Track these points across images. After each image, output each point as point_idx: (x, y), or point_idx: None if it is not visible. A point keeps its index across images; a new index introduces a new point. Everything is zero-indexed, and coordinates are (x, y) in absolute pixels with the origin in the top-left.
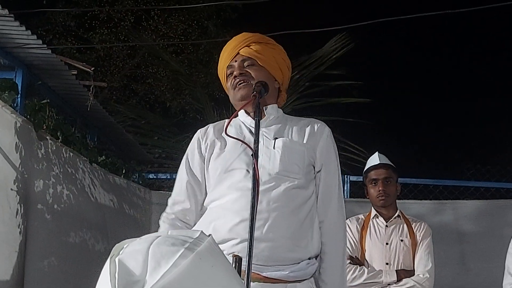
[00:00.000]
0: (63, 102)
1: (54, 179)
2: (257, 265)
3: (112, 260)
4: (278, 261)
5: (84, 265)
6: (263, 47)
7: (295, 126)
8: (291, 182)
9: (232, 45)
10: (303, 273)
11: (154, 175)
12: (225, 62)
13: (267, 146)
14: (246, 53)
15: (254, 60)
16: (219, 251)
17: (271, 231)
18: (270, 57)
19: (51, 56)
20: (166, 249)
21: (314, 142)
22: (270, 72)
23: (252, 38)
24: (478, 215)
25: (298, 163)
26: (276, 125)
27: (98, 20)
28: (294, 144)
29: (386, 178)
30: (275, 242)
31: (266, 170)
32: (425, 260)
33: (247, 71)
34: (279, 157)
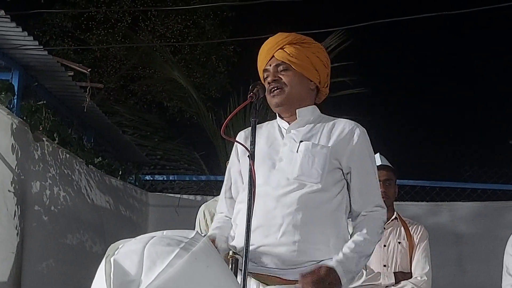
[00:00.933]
0: (60, 103)
1: (50, 181)
2: (276, 269)
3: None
4: (296, 264)
5: (81, 266)
6: (297, 48)
7: (326, 128)
8: (309, 187)
9: (267, 48)
10: None
11: (151, 176)
12: (261, 65)
13: (291, 149)
14: (280, 57)
15: (288, 64)
16: (214, 252)
17: (286, 236)
18: (304, 59)
19: (48, 57)
20: (162, 249)
21: (341, 145)
22: (305, 75)
23: (287, 39)
24: (475, 217)
25: (318, 168)
26: (308, 126)
27: (95, 21)
28: (317, 147)
29: (387, 180)
30: (291, 246)
31: (285, 174)
32: (422, 263)
33: (280, 77)
34: (300, 161)
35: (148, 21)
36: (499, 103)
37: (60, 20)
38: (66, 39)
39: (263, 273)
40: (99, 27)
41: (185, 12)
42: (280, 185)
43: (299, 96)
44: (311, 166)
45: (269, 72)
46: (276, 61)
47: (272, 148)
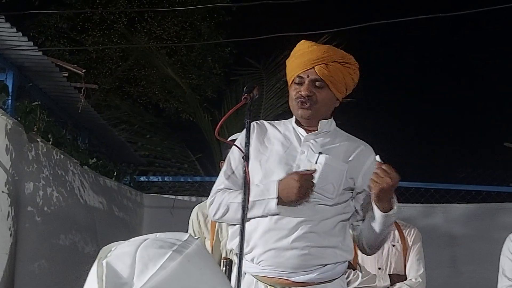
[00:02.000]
0: (54, 104)
1: (44, 181)
2: (284, 272)
3: (99, 263)
4: (304, 267)
5: (74, 267)
6: (338, 68)
7: (343, 144)
8: (323, 201)
9: (309, 57)
10: (331, 274)
11: (146, 177)
12: (297, 69)
13: (310, 159)
14: (320, 73)
15: (325, 83)
16: (207, 254)
17: (297, 241)
18: (341, 80)
19: (42, 58)
20: (154, 251)
21: (358, 164)
22: (335, 94)
23: (332, 56)
24: (469, 219)
25: (335, 183)
26: (325, 138)
27: (91, 22)
28: (336, 163)
29: None
30: (302, 251)
31: None
32: (416, 265)
33: (314, 93)
34: (318, 174)
35: (144, 22)
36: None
37: (55, 21)
38: (61, 40)
39: (271, 276)
40: (95, 28)
41: (182, 14)
42: None
43: (325, 112)
44: (328, 180)
45: (303, 81)
46: (315, 75)
47: (288, 153)
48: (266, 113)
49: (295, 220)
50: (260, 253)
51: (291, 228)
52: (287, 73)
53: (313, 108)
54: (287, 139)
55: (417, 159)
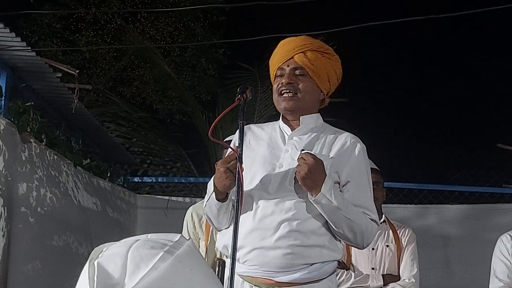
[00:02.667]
0: (48, 104)
1: (37, 182)
2: (269, 272)
3: (91, 263)
4: (289, 267)
5: (67, 268)
6: (318, 56)
7: (328, 139)
8: (307, 196)
9: (288, 47)
10: (317, 274)
11: (140, 178)
12: (277, 61)
13: (293, 157)
14: (299, 61)
15: (305, 70)
16: (198, 255)
17: (281, 240)
18: (322, 69)
19: (36, 59)
20: (145, 252)
21: (342, 157)
22: (318, 85)
23: (311, 45)
24: (462, 219)
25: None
26: (310, 135)
27: (84, 22)
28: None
29: (374, 183)
30: (286, 250)
31: (285, 182)
32: (410, 265)
33: (295, 81)
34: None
35: (138, 22)
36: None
37: (49, 20)
38: (55, 39)
39: (256, 275)
40: (89, 28)
41: (175, 14)
42: (279, 191)
43: (309, 103)
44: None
45: (284, 71)
46: (295, 64)
47: (273, 152)
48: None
49: (278, 218)
50: (245, 253)
51: (274, 227)
52: (270, 73)
53: (296, 98)
54: (272, 139)
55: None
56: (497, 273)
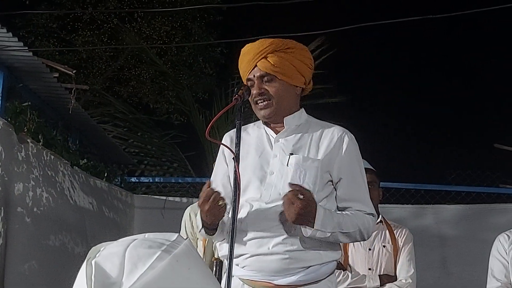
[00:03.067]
0: (45, 104)
1: (34, 182)
2: (267, 275)
3: (88, 263)
4: (287, 271)
5: (64, 268)
6: (281, 56)
7: (314, 137)
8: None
9: (249, 57)
10: (315, 275)
11: (137, 178)
12: (243, 73)
13: (282, 162)
14: (263, 68)
15: (272, 75)
16: (196, 254)
17: (277, 246)
18: (289, 67)
19: (33, 59)
20: (143, 251)
21: (331, 156)
22: (290, 83)
23: (269, 47)
24: (459, 220)
25: (310, 182)
26: (295, 135)
27: (81, 22)
28: (308, 161)
29: (369, 182)
30: (283, 255)
31: (276, 189)
32: (407, 266)
33: (266, 89)
34: (291, 176)
35: (134, 22)
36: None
37: (45, 20)
38: (51, 39)
39: (255, 279)
40: (85, 28)
41: (172, 14)
42: (272, 200)
43: (286, 105)
44: (302, 181)
45: (252, 82)
46: (259, 72)
47: (263, 158)
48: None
49: (272, 227)
50: (243, 259)
51: (271, 235)
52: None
53: (271, 104)
54: (259, 143)
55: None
56: (495, 273)
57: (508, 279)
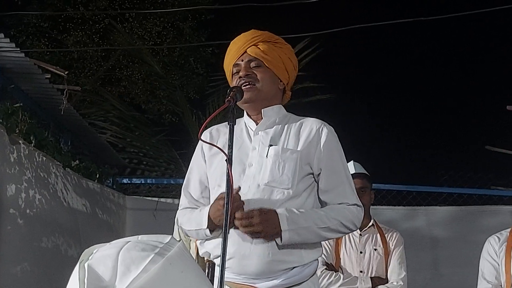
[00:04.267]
0: (36, 106)
1: (26, 184)
2: (249, 278)
3: (81, 266)
4: (269, 273)
5: (56, 270)
6: (270, 47)
7: (293, 129)
8: (280, 194)
9: (240, 43)
10: (298, 278)
11: (129, 180)
12: (231, 59)
13: (261, 154)
14: (253, 53)
15: (260, 61)
16: (189, 257)
17: (258, 247)
18: (276, 58)
19: (24, 60)
20: (136, 254)
21: (310, 147)
22: (276, 74)
23: (261, 37)
24: (451, 221)
25: (289, 174)
26: (275, 128)
27: (72, 22)
28: (287, 152)
29: (361, 188)
30: (264, 257)
31: (255, 180)
32: (398, 269)
33: (253, 72)
34: (270, 168)
35: (126, 22)
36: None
37: (36, 20)
38: (42, 39)
39: (237, 282)
40: (77, 28)
41: (164, 14)
42: (251, 192)
43: (269, 93)
44: (282, 172)
45: (240, 67)
46: (248, 57)
47: (242, 151)
48: None
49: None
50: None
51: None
52: (224, 69)
53: (256, 88)
54: (238, 137)
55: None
56: (485, 275)
57: (498, 281)
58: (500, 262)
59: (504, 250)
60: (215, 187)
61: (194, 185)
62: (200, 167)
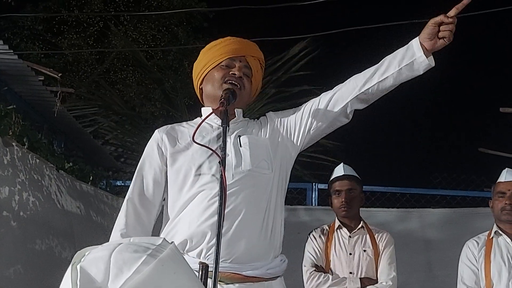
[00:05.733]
0: (30, 108)
1: (20, 186)
2: (236, 265)
3: (73, 267)
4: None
5: (50, 272)
6: (260, 68)
7: (256, 126)
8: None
9: (242, 45)
10: (278, 270)
11: (122, 182)
12: (228, 52)
13: (234, 144)
14: (252, 64)
15: (252, 74)
16: (181, 258)
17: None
18: (259, 80)
19: (18, 62)
20: (128, 255)
21: (274, 128)
22: (253, 89)
23: (260, 55)
24: (444, 223)
25: (266, 159)
26: (241, 124)
27: (67, 25)
28: (258, 140)
29: (350, 189)
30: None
31: (239, 168)
32: (387, 269)
33: (243, 79)
34: (248, 154)
35: (121, 25)
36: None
37: (31, 22)
38: (37, 42)
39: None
40: (71, 31)
41: (158, 17)
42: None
43: (244, 102)
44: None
45: (234, 64)
46: (246, 64)
47: (211, 144)
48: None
49: (237, 208)
50: (206, 246)
51: (234, 216)
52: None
53: (240, 93)
54: (204, 133)
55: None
56: (465, 279)
57: (478, 286)
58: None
59: (484, 255)
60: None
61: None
62: (156, 166)
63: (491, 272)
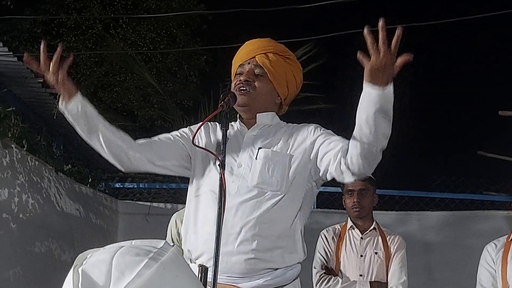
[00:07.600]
0: (29, 110)
1: (19, 188)
2: (232, 277)
3: (75, 270)
4: (251, 272)
5: (49, 275)
6: (279, 60)
7: (285, 134)
8: (269, 196)
9: (251, 47)
10: (280, 280)
11: (121, 184)
12: (238, 59)
13: (251, 155)
14: (260, 62)
15: (265, 72)
16: (183, 261)
17: (244, 245)
18: (281, 73)
19: (17, 64)
20: (130, 259)
21: (301, 144)
22: (276, 88)
23: (273, 47)
24: (443, 226)
25: (278, 176)
26: (267, 132)
27: (66, 28)
28: (277, 155)
29: (362, 189)
30: (248, 255)
31: (246, 181)
32: (398, 273)
33: (254, 79)
34: (259, 169)
35: (119, 28)
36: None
37: (30, 25)
38: (36, 44)
39: (219, 282)
40: (70, 34)
41: (157, 20)
42: (240, 193)
43: (263, 104)
44: (271, 174)
45: (243, 69)
46: (255, 63)
47: (232, 151)
48: None
49: (240, 223)
50: (207, 259)
51: (237, 232)
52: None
53: (250, 94)
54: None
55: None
56: (482, 282)
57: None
58: (497, 269)
59: (501, 257)
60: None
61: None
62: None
63: (507, 274)
